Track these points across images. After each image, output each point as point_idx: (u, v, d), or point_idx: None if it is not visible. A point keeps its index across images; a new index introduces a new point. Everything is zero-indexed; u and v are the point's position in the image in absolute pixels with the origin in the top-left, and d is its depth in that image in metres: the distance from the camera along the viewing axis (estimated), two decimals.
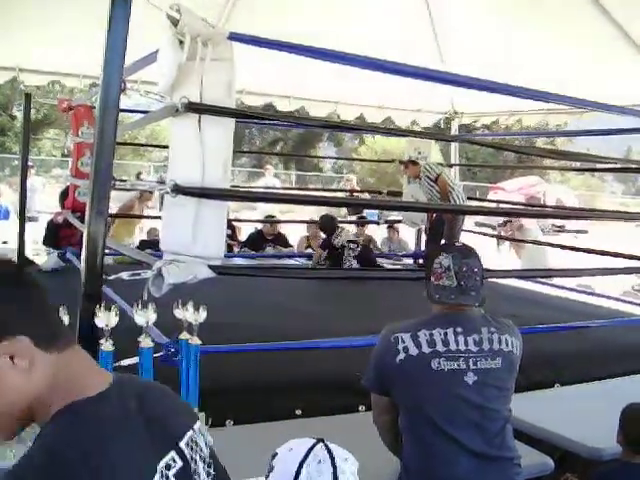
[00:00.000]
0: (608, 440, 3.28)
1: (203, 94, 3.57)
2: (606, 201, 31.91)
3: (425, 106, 10.50)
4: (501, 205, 12.26)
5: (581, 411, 4.01)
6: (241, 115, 4.71)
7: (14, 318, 1.27)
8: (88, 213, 3.33)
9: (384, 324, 2.80)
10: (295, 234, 11.09)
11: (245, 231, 11.12)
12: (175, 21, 3.38)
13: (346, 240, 8.42)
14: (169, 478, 1.30)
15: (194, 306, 3.30)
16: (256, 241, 10.23)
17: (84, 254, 3.34)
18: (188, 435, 1.45)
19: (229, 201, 4.44)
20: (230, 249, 9.25)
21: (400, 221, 9.92)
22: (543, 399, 4.29)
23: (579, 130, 9.26)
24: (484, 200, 15.26)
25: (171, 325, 3.43)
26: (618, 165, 8.01)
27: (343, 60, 4.23)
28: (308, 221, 11.32)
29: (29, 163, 9.33)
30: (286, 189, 18.23)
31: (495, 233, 10.56)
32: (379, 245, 10.70)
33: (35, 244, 8.51)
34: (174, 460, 1.35)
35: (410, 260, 9.80)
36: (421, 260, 9.25)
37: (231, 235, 9.59)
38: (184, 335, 3.33)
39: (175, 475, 1.32)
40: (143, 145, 27.29)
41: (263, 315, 5.59)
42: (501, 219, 10.53)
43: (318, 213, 12.21)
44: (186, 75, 3.55)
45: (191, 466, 1.39)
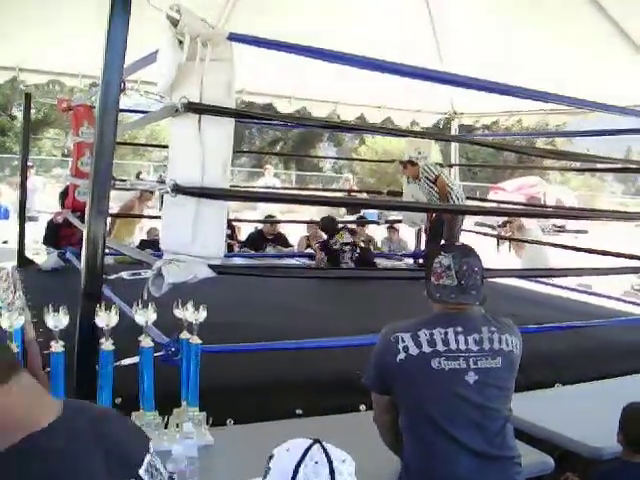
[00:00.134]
0: (608, 439, 3.28)
1: (203, 94, 3.57)
2: (606, 201, 31.89)
3: (425, 106, 10.49)
4: (500, 205, 12.28)
5: (581, 410, 4.01)
6: (241, 115, 4.72)
7: None
8: (88, 213, 3.33)
9: (384, 324, 2.80)
10: (295, 234, 11.09)
11: (245, 231, 11.13)
12: (175, 21, 3.39)
13: (343, 242, 8.41)
14: None
15: (194, 306, 3.31)
16: (256, 241, 10.24)
17: (84, 254, 3.34)
18: (146, 460, 1.41)
19: (229, 201, 4.44)
20: (230, 249, 9.25)
21: (400, 221, 9.93)
22: (543, 399, 4.29)
23: (578, 131, 9.26)
24: (484, 200, 15.26)
25: (171, 325, 3.43)
26: (618, 165, 8.02)
27: (343, 60, 4.24)
28: (308, 221, 11.32)
29: (29, 163, 9.35)
30: (286, 189, 18.20)
31: (495, 233, 10.53)
32: (379, 245, 10.71)
33: (35, 243, 8.51)
34: None
35: (410, 260, 9.80)
36: (421, 260, 9.26)
37: (231, 235, 9.60)
38: (184, 335, 3.33)
39: None
40: (143, 145, 27.27)
41: (263, 315, 5.59)
42: (501, 219, 10.51)
43: (318, 213, 12.21)
44: (186, 75, 3.55)
45: None
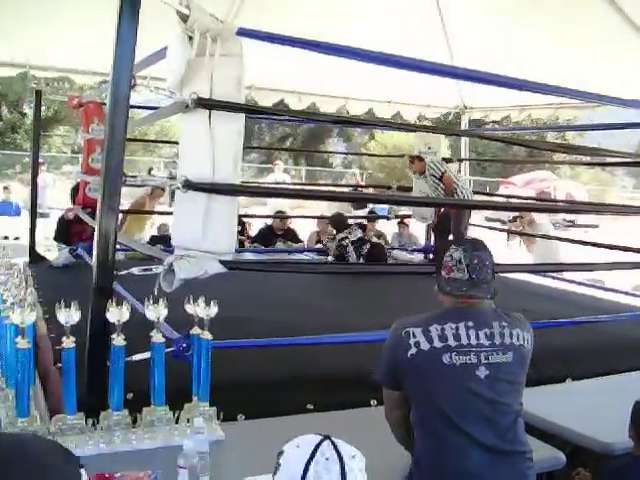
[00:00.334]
0: (620, 435, 3.27)
1: (213, 90, 3.57)
2: (616, 196, 31.73)
3: (434, 101, 10.48)
4: (508, 200, 12.26)
5: (593, 406, 4.00)
6: (251, 110, 4.72)
7: None
8: (99, 209, 3.34)
9: (395, 319, 2.80)
10: (305, 229, 11.10)
11: (255, 227, 11.14)
12: (184, 17, 3.38)
13: (344, 238, 8.43)
14: None
15: (205, 301, 3.31)
16: (266, 236, 10.25)
17: (96, 250, 3.35)
18: None
19: (239, 196, 4.44)
20: (241, 245, 9.27)
21: (410, 216, 9.93)
22: (555, 394, 4.28)
23: (588, 124, 9.25)
24: (494, 195, 15.23)
25: (182, 320, 3.44)
26: (629, 159, 7.99)
27: (354, 55, 4.23)
28: (318, 216, 11.33)
29: (40, 160, 9.37)
30: (296, 184, 18.21)
31: (505, 228, 10.51)
32: (389, 240, 10.70)
33: (46, 240, 8.53)
34: None
35: (421, 255, 9.80)
36: (431, 255, 9.26)
37: (241, 231, 9.61)
38: (195, 330, 3.34)
39: None
40: (153, 141, 27.33)
41: (274, 310, 5.60)
42: (511, 214, 10.49)
43: (329, 208, 12.22)
44: (195, 71, 3.55)
45: None
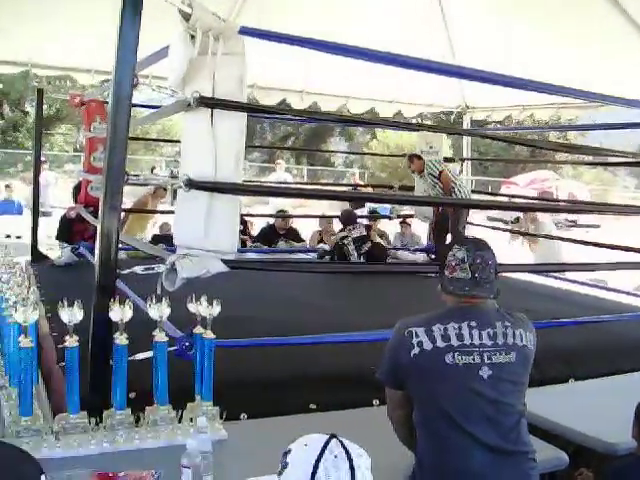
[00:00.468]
0: (623, 435, 3.26)
1: (215, 88, 3.57)
2: (618, 195, 31.67)
3: (436, 101, 10.49)
4: (511, 199, 12.27)
5: (596, 406, 3.99)
6: (253, 109, 4.72)
7: None
8: (102, 208, 3.34)
9: (397, 318, 2.80)
10: (307, 229, 11.09)
11: (257, 226, 11.14)
12: (187, 16, 3.38)
13: (345, 236, 8.46)
14: None
15: (208, 300, 3.31)
16: (268, 236, 10.25)
17: (98, 249, 3.35)
18: None
19: (241, 195, 4.44)
20: (243, 244, 9.27)
21: (412, 215, 9.92)
22: (557, 394, 4.27)
23: (590, 124, 9.25)
24: (496, 194, 15.21)
25: (185, 319, 3.44)
26: (631, 159, 7.98)
27: (357, 55, 4.23)
28: (320, 216, 11.33)
29: (42, 158, 9.37)
30: (298, 184, 18.20)
31: (508, 227, 10.50)
32: (392, 240, 10.70)
33: (49, 239, 8.53)
34: None
35: (423, 254, 9.79)
36: (432, 255, 9.26)
37: (243, 230, 9.61)
38: (198, 329, 3.34)
39: None
40: (155, 140, 27.31)
41: (276, 309, 5.60)
42: (513, 215, 10.48)
43: (330, 208, 12.21)
44: (198, 70, 3.55)
45: None
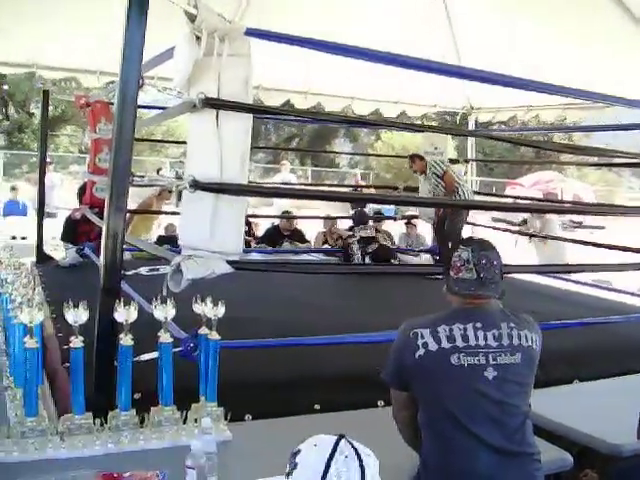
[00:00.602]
0: (628, 436, 3.26)
1: (221, 90, 3.57)
2: (623, 196, 31.60)
3: (441, 102, 10.48)
4: (508, 200, 12.25)
5: (600, 407, 3.98)
6: (259, 110, 4.72)
7: None
8: (107, 209, 3.34)
9: (401, 319, 2.80)
10: (312, 230, 11.09)
11: (262, 227, 11.14)
12: (192, 17, 3.38)
13: (355, 238, 8.49)
14: None
15: (213, 301, 3.31)
16: (273, 237, 10.25)
17: (103, 250, 3.35)
18: None
19: (247, 197, 4.45)
20: (247, 245, 9.28)
21: (417, 216, 9.92)
22: (562, 395, 4.27)
23: (595, 125, 9.22)
24: (500, 196, 15.18)
25: (190, 320, 3.44)
26: (636, 160, 7.96)
27: (362, 56, 4.24)
28: (325, 217, 11.33)
29: (47, 159, 9.38)
30: (302, 185, 18.20)
31: (513, 229, 10.48)
32: (396, 241, 10.70)
33: (53, 240, 8.55)
34: None
35: (428, 256, 9.79)
36: (437, 256, 9.26)
37: (248, 231, 9.62)
38: (203, 330, 3.34)
39: None
40: (161, 141, 27.28)
41: (280, 310, 5.61)
42: (519, 216, 10.47)
43: (335, 209, 12.19)
44: (203, 71, 3.55)
45: None
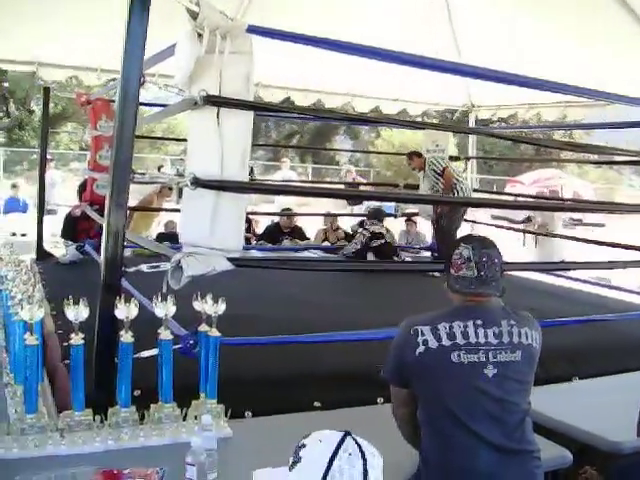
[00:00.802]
0: (627, 434, 3.27)
1: (222, 87, 3.57)
2: (624, 194, 31.61)
3: (442, 99, 10.48)
4: (508, 198, 12.26)
5: (600, 404, 3.98)
6: (260, 108, 4.72)
7: None
8: (108, 206, 3.34)
9: (403, 316, 2.80)
10: (312, 227, 11.10)
11: (262, 224, 11.15)
12: (194, 14, 3.39)
13: (363, 232, 8.53)
14: None
15: (213, 298, 3.31)
16: (273, 234, 10.26)
17: (104, 246, 3.35)
18: None
19: (247, 194, 4.45)
20: (247, 242, 9.28)
21: (417, 214, 9.93)
22: (562, 392, 4.27)
23: (595, 123, 9.23)
24: (501, 193, 15.19)
25: (190, 317, 3.44)
26: (636, 158, 7.96)
27: (364, 53, 4.24)
28: (325, 214, 11.34)
29: (48, 156, 9.38)
30: (303, 182, 18.21)
31: (515, 227, 10.49)
32: (397, 238, 10.71)
33: (54, 237, 8.55)
34: None
35: (428, 252, 9.81)
36: (435, 253, 9.28)
37: (248, 228, 9.62)
38: (203, 327, 3.34)
39: None
40: (160, 138, 27.33)
41: (281, 307, 5.61)
42: (519, 213, 10.49)
43: (335, 206, 12.19)
44: (205, 68, 3.56)
45: None
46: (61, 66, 8.21)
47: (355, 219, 11.00)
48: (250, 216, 10.25)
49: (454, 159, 9.80)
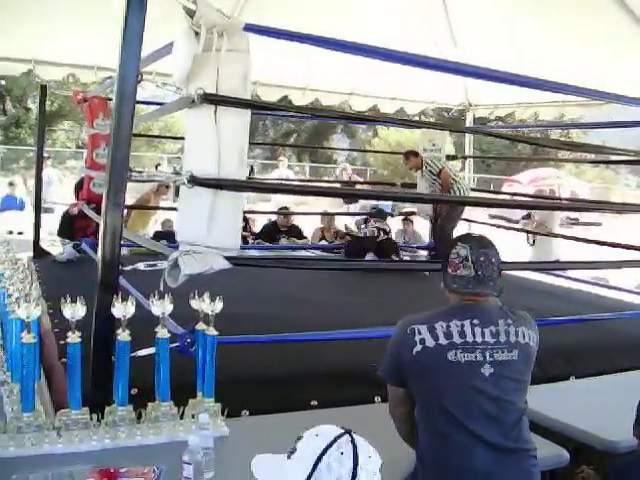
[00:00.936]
0: (624, 433, 3.26)
1: (219, 85, 3.57)
2: (620, 193, 31.63)
3: (439, 98, 10.47)
4: (505, 197, 12.26)
5: (596, 404, 3.99)
6: (257, 106, 4.72)
7: None
8: (105, 204, 3.33)
9: (400, 315, 2.80)
10: (309, 226, 11.10)
11: (259, 223, 11.15)
12: (191, 12, 3.38)
13: (369, 224, 8.68)
14: None
15: (210, 297, 3.31)
16: (270, 233, 10.26)
17: (101, 245, 3.34)
18: None
19: (244, 192, 4.45)
20: (244, 241, 9.28)
21: (414, 213, 9.93)
22: (558, 391, 4.27)
23: (592, 122, 9.23)
24: (497, 192, 15.20)
25: (187, 316, 3.44)
26: (633, 157, 7.96)
27: (361, 52, 4.24)
28: (322, 213, 11.34)
29: (45, 154, 9.38)
30: (300, 181, 18.20)
31: (515, 226, 10.49)
32: (393, 237, 10.71)
33: (51, 235, 8.55)
34: None
35: (425, 252, 9.81)
36: (432, 252, 9.28)
37: (245, 227, 9.62)
38: (200, 326, 3.34)
39: None
40: (157, 137, 27.31)
41: (279, 306, 5.61)
42: (517, 212, 10.50)
43: (332, 205, 12.18)
44: (202, 66, 3.55)
45: None
46: (58, 64, 8.18)
47: (352, 218, 11.01)
48: (247, 215, 10.25)
49: (451, 158, 9.81)
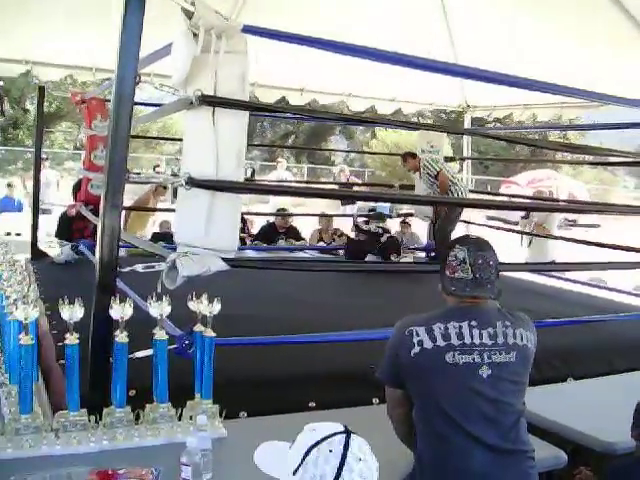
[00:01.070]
0: (622, 434, 3.26)
1: (217, 87, 3.57)
2: (618, 195, 31.67)
3: (437, 99, 10.48)
4: (503, 198, 12.28)
5: (594, 405, 4.00)
6: (255, 108, 4.71)
7: None
8: (103, 206, 3.33)
9: (397, 317, 2.80)
10: (307, 227, 11.10)
11: (257, 224, 11.15)
12: (189, 14, 3.38)
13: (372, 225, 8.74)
14: None
15: (208, 298, 3.31)
16: (268, 234, 10.25)
17: (99, 246, 3.34)
18: None
19: (242, 194, 4.44)
20: (242, 242, 9.28)
21: (412, 214, 9.93)
22: (556, 393, 4.28)
23: (590, 124, 9.24)
24: (496, 194, 15.19)
25: (185, 317, 3.44)
26: (631, 159, 7.97)
27: (360, 54, 4.23)
28: (320, 214, 11.34)
29: (43, 156, 9.37)
30: (298, 182, 18.21)
31: (507, 227, 10.51)
32: None
33: (48, 236, 8.53)
34: None
35: (423, 253, 9.81)
36: (432, 253, 9.28)
37: (243, 228, 9.62)
38: (198, 327, 3.34)
39: None
40: (155, 138, 27.34)
41: (277, 307, 5.61)
42: (514, 214, 10.52)
43: (330, 206, 12.18)
44: (200, 68, 3.55)
45: None
46: (56, 65, 8.18)
47: (351, 219, 11.01)
48: (245, 216, 10.25)
49: (449, 160, 9.80)
